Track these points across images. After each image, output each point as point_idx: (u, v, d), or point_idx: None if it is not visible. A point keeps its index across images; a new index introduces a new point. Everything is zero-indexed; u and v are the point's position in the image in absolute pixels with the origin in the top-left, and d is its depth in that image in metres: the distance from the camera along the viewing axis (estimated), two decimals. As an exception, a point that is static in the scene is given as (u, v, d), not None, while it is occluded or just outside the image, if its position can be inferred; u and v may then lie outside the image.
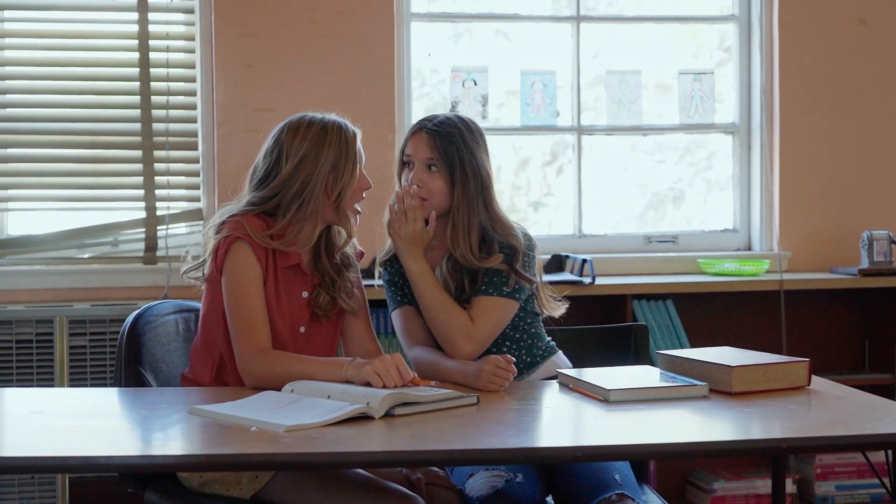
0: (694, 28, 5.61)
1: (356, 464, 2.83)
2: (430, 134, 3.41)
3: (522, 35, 5.43)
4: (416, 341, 3.47)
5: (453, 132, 3.40)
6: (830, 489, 5.13)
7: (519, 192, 5.51)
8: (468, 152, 3.40)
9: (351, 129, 3.35)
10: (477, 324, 3.37)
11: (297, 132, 3.32)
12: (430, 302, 3.39)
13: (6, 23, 5.03)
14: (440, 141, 3.39)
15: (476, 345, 3.36)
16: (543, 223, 5.49)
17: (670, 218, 5.57)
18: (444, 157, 3.39)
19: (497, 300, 3.39)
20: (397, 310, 3.52)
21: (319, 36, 5.04)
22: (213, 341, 3.30)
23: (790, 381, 3.12)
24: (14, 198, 5.05)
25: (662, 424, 2.82)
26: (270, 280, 3.26)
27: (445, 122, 3.43)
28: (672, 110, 5.48)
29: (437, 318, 3.38)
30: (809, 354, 4.95)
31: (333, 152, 3.29)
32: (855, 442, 2.67)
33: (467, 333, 3.35)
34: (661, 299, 5.06)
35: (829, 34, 5.41)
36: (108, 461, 2.50)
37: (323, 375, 3.06)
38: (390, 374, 2.96)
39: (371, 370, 2.97)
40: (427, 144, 3.41)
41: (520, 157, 5.49)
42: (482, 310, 3.38)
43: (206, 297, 3.32)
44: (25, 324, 4.66)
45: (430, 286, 3.39)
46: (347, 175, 3.29)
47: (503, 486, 3.10)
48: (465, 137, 3.41)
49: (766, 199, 5.42)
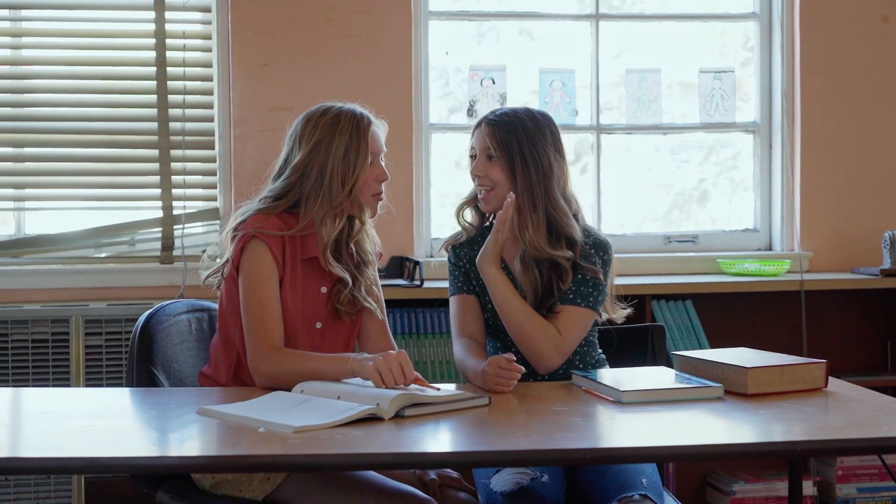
0: (719, 27, 5.56)
1: (365, 465, 2.80)
2: (490, 125, 3.44)
3: (542, 34, 5.39)
4: (466, 332, 3.45)
5: (513, 122, 3.42)
6: (852, 491, 5.08)
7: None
8: (528, 142, 3.40)
9: (366, 117, 3.32)
10: (565, 335, 3.35)
11: (311, 121, 3.32)
12: (518, 315, 3.35)
13: (24, 22, 5.03)
14: (499, 131, 3.41)
15: (562, 357, 3.36)
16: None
17: (690, 217, 5.52)
18: (502, 147, 3.40)
19: (584, 311, 3.39)
20: (456, 296, 3.50)
21: (336, 34, 5.02)
22: (230, 340, 3.29)
23: (807, 383, 3.09)
24: (31, 197, 5.05)
25: (675, 426, 2.79)
26: (288, 274, 3.25)
27: (507, 113, 3.46)
28: (693, 109, 5.44)
29: (525, 330, 3.34)
30: (830, 356, 4.93)
31: (345, 140, 3.27)
32: (871, 444, 2.62)
33: (557, 346, 3.34)
34: (680, 299, 5.02)
35: (850, 32, 5.36)
36: (112, 462, 2.49)
37: (330, 371, 3.05)
38: (392, 372, 2.93)
39: (373, 367, 2.95)
40: (486, 135, 3.43)
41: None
42: (570, 320, 3.37)
43: (225, 296, 3.31)
44: (41, 323, 4.66)
45: (517, 299, 3.36)
46: (360, 162, 3.27)
47: (529, 483, 3.09)
48: (527, 127, 3.42)
49: (787, 199, 5.37)
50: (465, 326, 3.46)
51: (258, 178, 3.45)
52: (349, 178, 3.26)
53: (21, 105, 5.01)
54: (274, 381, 3.10)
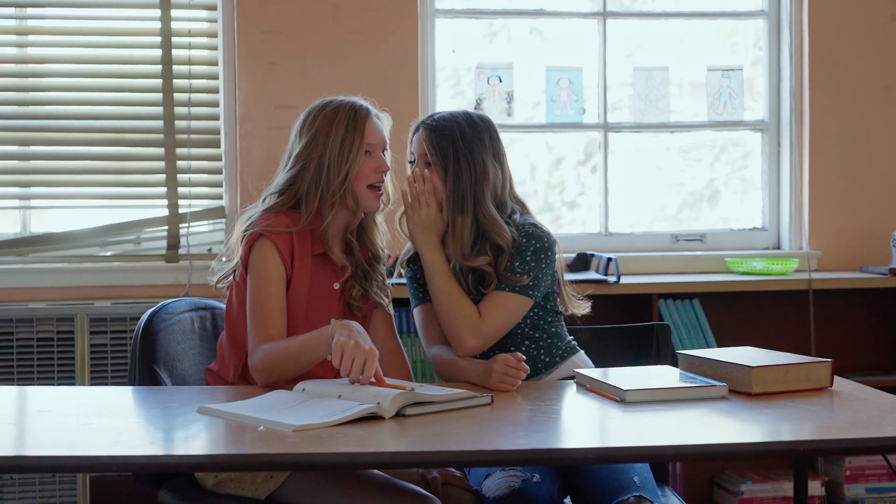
0: (728, 25, 5.54)
1: (364, 465, 2.78)
2: (427, 129, 3.42)
3: (550, 32, 5.37)
4: (436, 340, 3.43)
5: (449, 127, 3.39)
6: (860, 492, 5.05)
7: (553, 190, 5.46)
8: (464, 146, 3.37)
9: (364, 108, 3.32)
10: (485, 318, 3.33)
11: (311, 114, 3.34)
12: (439, 292, 3.35)
13: (29, 20, 5.03)
14: (435, 136, 3.39)
15: (481, 339, 3.32)
16: (578, 222, 5.43)
17: (698, 216, 5.50)
18: (438, 152, 3.38)
19: (509, 295, 3.34)
20: (419, 307, 3.49)
21: (342, 32, 5.01)
22: (239, 339, 3.28)
23: (812, 382, 3.06)
24: (37, 195, 5.04)
25: (678, 426, 2.77)
26: (299, 272, 3.24)
27: (445, 117, 3.43)
28: (702, 108, 5.42)
29: (444, 308, 3.35)
30: (839, 355, 4.91)
31: (341, 131, 3.27)
32: (874, 444, 2.59)
33: (474, 327, 3.31)
34: (687, 298, 5.00)
35: (859, 30, 5.33)
36: (110, 461, 2.47)
37: (314, 342, 3.04)
38: (352, 361, 2.90)
39: (339, 344, 2.91)
40: (423, 140, 3.41)
41: (553, 155, 5.43)
42: (492, 304, 3.34)
43: (235, 296, 3.31)
44: (46, 322, 4.65)
45: (443, 276, 3.36)
46: (354, 152, 3.27)
47: (520, 486, 3.06)
48: (465, 132, 3.39)
49: (795, 197, 5.35)
50: (433, 336, 3.44)
51: (264, 177, 3.44)
52: (343, 167, 3.25)
53: (27, 103, 5.01)
54: (268, 374, 3.11)
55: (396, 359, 3.40)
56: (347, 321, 3.01)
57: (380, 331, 3.41)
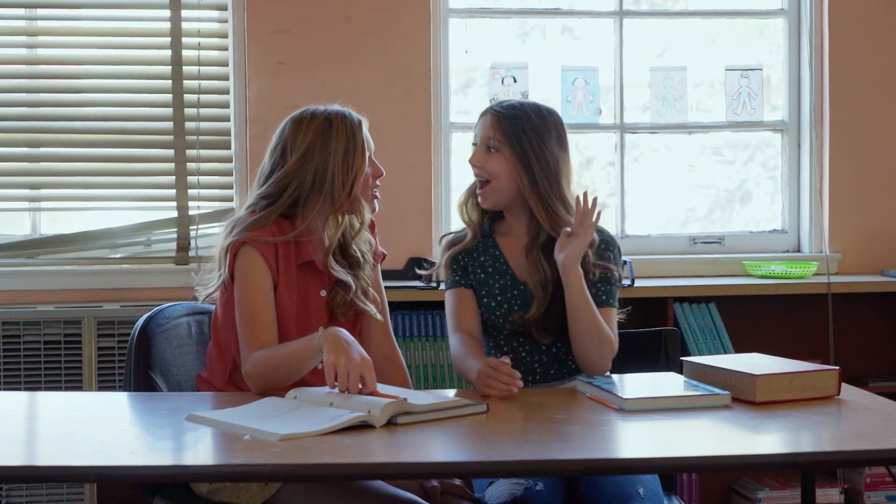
0: (747, 24, 5.45)
1: (349, 476, 2.73)
2: (496, 116, 3.40)
3: (565, 31, 5.31)
4: (463, 327, 3.39)
5: (519, 115, 3.38)
6: (881, 499, 4.96)
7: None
8: (535, 136, 3.36)
9: (356, 117, 3.31)
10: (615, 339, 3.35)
11: (299, 125, 3.30)
12: (585, 320, 3.27)
13: (39, 21, 5.00)
14: (504, 122, 3.37)
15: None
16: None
17: (717, 218, 5.41)
18: (505, 138, 3.36)
19: (615, 311, 3.41)
20: (453, 290, 3.45)
21: (354, 33, 4.96)
22: (226, 346, 3.26)
23: (818, 391, 2.99)
24: (46, 197, 5.01)
25: (676, 436, 2.70)
26: (284, 281, 3.20)
27: (514, 105, 3.43)
28: (720, 108, 5.33)
29: (590, 333, 3.29)
30: (858, 360, 4.84)
31: (342, 143, 3.24)
32: (877, 457, 2.52)
33: (613, 350, 3.33)
34: (703, 302, 4.92)
35: (880, 28, 5.24)
36: (90, 471, 2.42)
37: (302, 351, 2.99)
38: (349, 378, 2.84)
39: (331, 364, 2.86)
40: (491, 125, 3.40)
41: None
42: (612, 323, 3.37)
43: (220, 304, 3.29)
44: (53, 324, 4.61)
45: (589, 302, 3.29)
46: (358, 163, 3.25)
47: (522, 493, 3.01)
48: (533, 122, 3.37)
49: (815, 200, 5.25)
50: (462, 321, 3.40)
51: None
52: (348, 178, 3.22)
53: (36, 105, 4.98)
54: (261, 381, 3.07)
55: (393, 364, 3.35)
56: (334, 330, 2.95)
57: (375, 335, 3.36)
